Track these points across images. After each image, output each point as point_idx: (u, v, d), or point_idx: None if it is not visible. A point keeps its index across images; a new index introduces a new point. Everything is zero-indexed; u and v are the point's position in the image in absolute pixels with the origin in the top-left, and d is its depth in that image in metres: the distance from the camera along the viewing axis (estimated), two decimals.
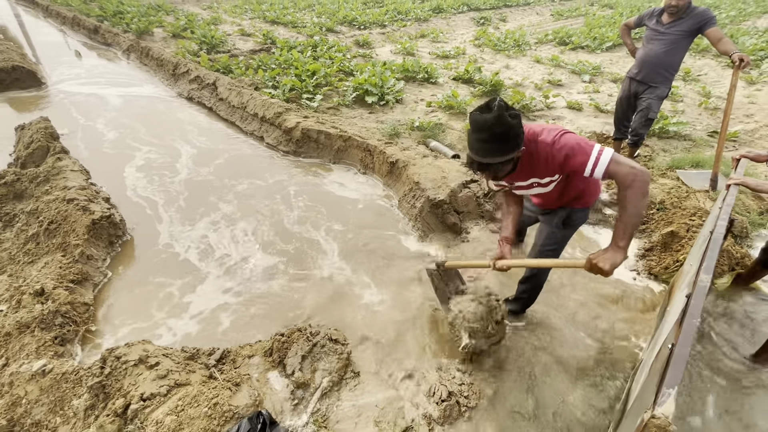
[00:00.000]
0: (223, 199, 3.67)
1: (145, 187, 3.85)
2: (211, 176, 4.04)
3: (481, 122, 1.50)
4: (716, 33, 3.22)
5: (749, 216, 3.08)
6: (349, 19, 10.72)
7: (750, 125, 5.34)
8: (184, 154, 4.49)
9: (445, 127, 4.88)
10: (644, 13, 3.67)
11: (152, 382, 1.72)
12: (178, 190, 3.80)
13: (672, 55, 3.46)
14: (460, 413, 1.86)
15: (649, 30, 3.57)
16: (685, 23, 3.30)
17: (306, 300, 2.58)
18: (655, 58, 3.50)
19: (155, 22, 9.18)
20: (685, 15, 3.30)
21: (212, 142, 4.76)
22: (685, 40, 3.39)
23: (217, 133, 5.02)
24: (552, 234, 2.09)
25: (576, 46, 9.51)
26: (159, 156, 4.42)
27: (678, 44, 3.41)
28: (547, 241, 2.10)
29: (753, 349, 2.22)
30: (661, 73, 3.55)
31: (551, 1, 17.80)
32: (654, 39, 3.51)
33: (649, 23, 3.57)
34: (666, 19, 3.40)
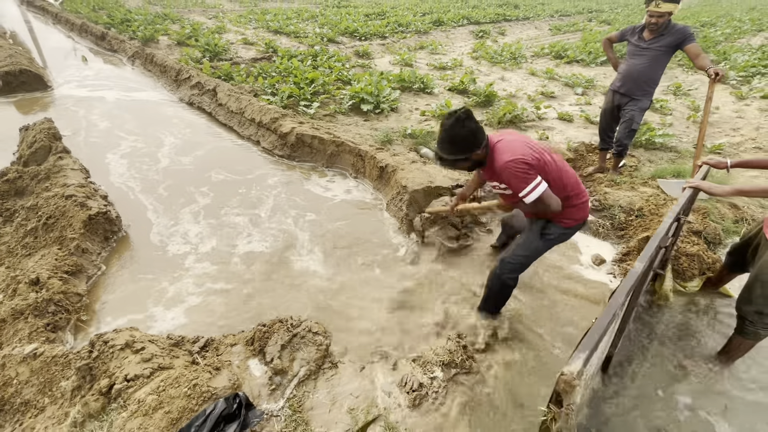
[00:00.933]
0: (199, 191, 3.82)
1: (132, 179, 3.98)
2: (191, 166, 4.19)
3: (443, 125, 1.92)
4: (694, 49, 3.35)
5: (723, 224, 3.18)
6: (351, 30, 10.98)
7: (736, 138, 5.46)
8: (167, 144, 4.67)
9: (436, 135, 5.01)
10: (626, 29, 3.81)
11: (137, 365, 1.81)
12: (158, 179, 3.99)
13: (653, 70, 3.61)
14: (430, 402, 1.95)
15: (630, 45, 3.72)
16: (665, 39, 3.45)
17: (286, 296, 2.68)
18: (637, 73, 3.64)
19: (161, 30, 9.44)
20: (665, 32, 3.44)
21: (194, 135, 4.91)
22: (665, 55, 3.54)
23: (199, 129, 5.18)
24: (528, 241, 2.19)
25: (571, 59, 9.73)
26: (145, 148, 4.56)
27: (658, 59, 3.56)
28: (521, 249, 2.20)
29: (717, 348, 2.30)
30: (643, 86, 3.69)
31: (550, 16, 18.17)
32: (636, 54, 3.65)
33: (631, 39, 3.71)
34: (647, 36, 3.55)
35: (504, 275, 2.24)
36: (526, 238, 2.21)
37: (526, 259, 2.21)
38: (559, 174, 2.01)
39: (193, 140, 5.03)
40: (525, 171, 1.86)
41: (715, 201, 3.44)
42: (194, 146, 4.87)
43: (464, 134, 1.88)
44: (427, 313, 2.54)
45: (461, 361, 2.11)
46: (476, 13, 15.71)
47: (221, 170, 4.31)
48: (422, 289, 2.76)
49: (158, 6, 14.30)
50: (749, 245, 2.15)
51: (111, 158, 4.52)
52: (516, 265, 2.21)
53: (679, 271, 2.69)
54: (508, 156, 1.88)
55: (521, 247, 2.21)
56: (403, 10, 15.69)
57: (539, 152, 1.96)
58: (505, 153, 1.90)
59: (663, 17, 3.37)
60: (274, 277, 2.86)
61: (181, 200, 3.77)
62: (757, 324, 2.01)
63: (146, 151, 4.68)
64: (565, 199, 2.04)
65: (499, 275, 2.25)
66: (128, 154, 4.61)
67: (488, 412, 1.98)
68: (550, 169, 1.97)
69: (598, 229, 3.38)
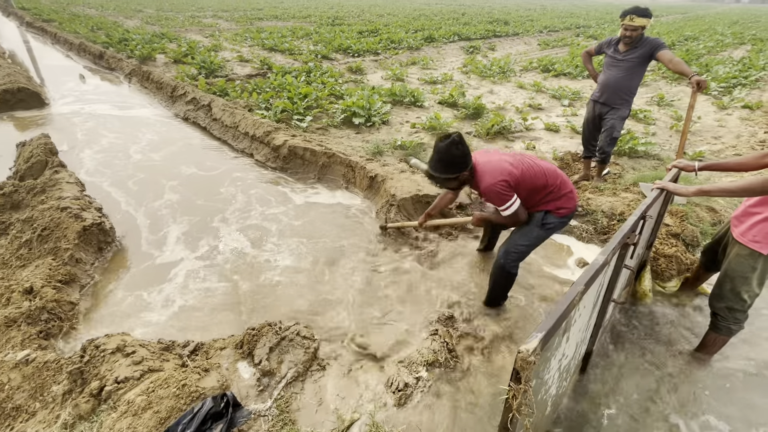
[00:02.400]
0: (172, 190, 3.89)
1: (116, 187, 4.05)
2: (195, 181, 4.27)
3: (436, 146, 2.15)
4: (666, 54, 3.52)
5: (701, 226, 3.28)
6: (344, 47, 11.27)
7: (717, 146, 5.63)
8: (158, 156, 4.73)
9: (426, 146, 5.15)
10: (603, 42, 4.01)
11: (127, 368, 1.86)
12: (132, 175, 4.01)
13: (629, 80, 3.77)
14: (415, 401, 1.99)
15: (608, 57, 3.90)
16: (639, 51, 3.64)
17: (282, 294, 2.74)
18: (615, 83, 3.81)
19: (158, 48, 9.66)
20: (639, 44, 3.63)
21: (188, 148, 5.01)
22: (640, 66, 3.72)
23: (193, 143, 5.28)
24: (529, 231, 2.36)
25: (558, 73, 10.01)
26: (150, 172, 4.64)
27: (634, 70, 3.73)
28: (523, 238, 2.37)
29: (695, 344, 2.37)
30: (621, 96, 3.85)
31: (539, 32, 18.69)
32: (613, 66, 3.83)
33: (607, 51, 3.91)
34: (622, 48, 3.74)
35: (508, 264, 2.40)
36: (527, 229, 2.38)
37: (527, 248, 2.40)
38: (542, 172, 2.25)
39: (185, 152, 5.13)
40: (504, 191, 2.15)
41: (693, 204, 3.55)
42: (187, 157, 4.97)
43: (457, 155, 2.11)
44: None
45: (445, 360, 2.16)
46: (467, 29, 16.15)
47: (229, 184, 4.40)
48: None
49: (156, 26, 14.65)
50: (719, 244, 2.24)
51: (104, 171, 4.60)
52: (519, 254, 2.39)
53: (658, 271, 2.77)
54: (489, 179, 2.14)
55: (523, 236, 2.37)
56: (396, 27, 16.11)
57: (516, 163, 2.21)
58: (487, 175, 2.16)
59: (637, 31, 3.58)
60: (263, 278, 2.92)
61: (172, 208, 3.84)
62: (728, 319, 2.09)
63: (138, 159, 4.77)
64: (551, 192, 2.27)
65: (503, 265, 2.41)
66: (122, 167, 4.69)
67: (472, 408, 2.02)
68: (531, 173, 2.21)
69: (582, 233, 3.48)
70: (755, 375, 2.24)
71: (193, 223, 3.67)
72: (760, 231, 1.87)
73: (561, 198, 2.29)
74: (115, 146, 5.32)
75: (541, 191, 2.26)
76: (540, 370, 1.20)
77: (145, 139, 5.58)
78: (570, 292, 1.11)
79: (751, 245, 1.91)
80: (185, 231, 3.55)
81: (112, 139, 5.52)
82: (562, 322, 1.09)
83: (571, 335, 1.46)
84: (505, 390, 0.99)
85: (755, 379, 2.22)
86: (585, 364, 2.14)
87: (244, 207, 3.94)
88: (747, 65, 10.58)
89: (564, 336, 1.33)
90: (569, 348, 1.56)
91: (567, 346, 1.48)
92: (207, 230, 3.57)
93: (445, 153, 2.11)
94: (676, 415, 2.03)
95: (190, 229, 3.59)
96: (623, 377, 2.22)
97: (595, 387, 2.15)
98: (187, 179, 4.47)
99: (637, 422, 1.99)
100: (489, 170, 2.17)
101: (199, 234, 3.52)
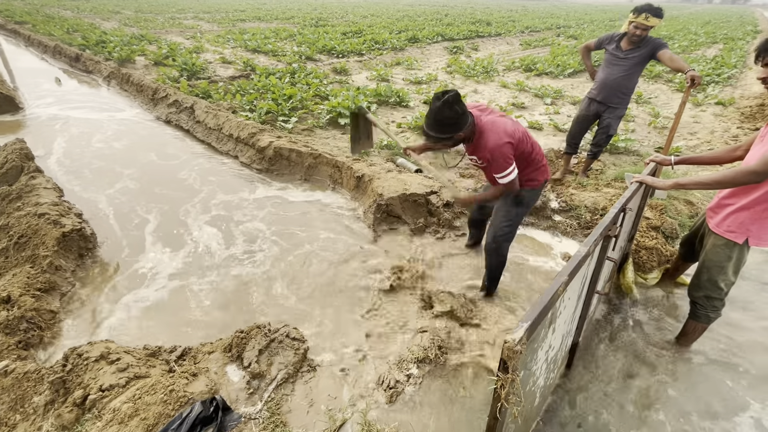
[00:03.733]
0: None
1: (97, 192, 3.96)
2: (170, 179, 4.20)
3: (432, 106, 2.03)
4: (667, 53, 3.46)
5: (679, 218, 3.39)
6: (328, 48, 11.23)
7: (692, 142, 5.81)
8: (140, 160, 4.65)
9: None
10: (603, 37, 3.87)
11: (112, 375, 1.82)
12: (113, 180, 3.94)
13: (629, 79, 3.70)
14: (407, 398, 2.00)
15: (608, 54, 3.78)
16: (642, 50, 3.55)
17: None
18: (615, 82, 3.71)
19: (137, 50, 9.46)
20: (642, 44, 3.54)
21: (174, 151, 4.93)
22: (640, 65, 3.65)
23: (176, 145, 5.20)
24: (508, 212, 2.42)
25: (540, 72, 10.17)
26: (133, 179, 4.55)
27: (634, 69, 3.65)
28: (504, 220, 2.42)
29: (675, 333, 2.44)
30: (619, 95, 3.78)
31: (521, 32, 18.97)
32: (613, 63, 3.72)
33: (608, 47, 3.78)
34: (625, 46, 3.63)
35: (500, 247, 2.48)
36: (506, 210, 2.44)
37: (511, 228, 2.46)
38: (529, 140, 2.29)
39: (170, 153, 5.04)
40: (509, 155, 2.12)
41: (672, 198, 3.66)
42: (169, 158, 4.88)
43: (450, 116, 2.01)
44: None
45: (435, 357, 2.18)
46: (450, 30, 16.28)
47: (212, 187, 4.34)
48: None
49: (134, 27, 14.34)
50: (696, 235, 2.32)
51: (82, 174, 4.49)
52: (507, 235, 2.46)
53: (640, 263, 2.85)
54: (496, 139, 2.09)
55: (504, 218, 2.44)
56: (380, 28, 16.14)
57: (519, 130, 2.22)
58: (492, 135, 2.10)
59: (647, 30, 3.46)
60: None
61: (152, 211, 3.77)
62: (707, 307, 2.16)
63: (129, 176, 4.67)
64: (532, 162, 2.31)
65: (495, 248, 2.49)
66: (107, 176, 4.58)
67: (462, 402, 2.04)
68: (524, 138, 2.23)
69: (566, 228, 3.54)
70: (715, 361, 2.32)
71: (175, 226, 3.60)
72: (733, 221, 1.94)
73: (539, 169, 2.35)
74: (95, 150, 5.19)
75: (527, 160, 2.28)
76: (527, 360, 1.22)
77: (125, 141, 5.45)
78: (554, 283, 1.14)
79: (726, 235, 1.98)
80: (168, 234, 3.49)
81: (92, 143, 5.39)
82: (548, 312, 1.11)
83: (557, 327, 1.49)
84: (493, 380, 1.00)
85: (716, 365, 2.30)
86: (572, 356, 2.18)
87: (228, 205, 3.89)
88: (720, 63, 10.95)
89: (550, 327, 1.36)
90: (555, 339, 1.59)
91: (553, 338, 1.51)
92: (191, 232, 3.51)
93: (439, 113, 2.00)
94: (658, 404, 2.09)
95: (173, 232, 3.53)
96: (607, 367, 2.27)
97: (580, 377, 2.20)
98: (167, 180, 4.39)
99: (623, 409, 2.04)
100: (495, 130, 2.10)
101: (182, 237, 3.46)
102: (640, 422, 1.99)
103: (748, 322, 2.58)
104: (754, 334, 2.50)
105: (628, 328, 2.54)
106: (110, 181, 4.40)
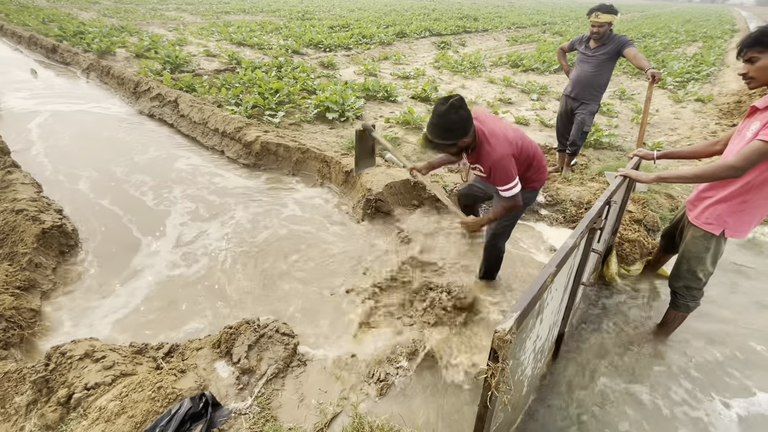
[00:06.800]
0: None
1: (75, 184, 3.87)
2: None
3: (436, 111, 1.95)
4: (632, 51, 3.68)
5: (661, 212, 3.48)
6: (315, 42, 11.11)
7: (673, 137, 5.96)
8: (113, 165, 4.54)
9: (401, 140, 5.17)
10: (575, 39, 4.12)
11: (97, 373, 1.78)
12: (91, 173, 3.85)
13: (599, 76, 3.90)
14: (397, 391, 2.02)
15: (579, 54, 4.02)
16: (608, 47, 3.76)
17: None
18: (586, 78, 3.93)
19: (118, 42, 9.19)
20: (608, 41, 3.76)
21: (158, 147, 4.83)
22: (610, 62, 3.84)
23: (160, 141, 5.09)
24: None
25: (527, 68, 10.28)
26: (109, 164, 4.44)
27: (604, 66, 3.85)
28: (503, 219, 2.41)
29: (656, 323, 2.52)
30: (591, 91, 3.97)
31: (507, 28, 19.08)
32: (583, 62, 3.95)
33: (579, 48, 4.02)
34: (592, 45, 3.86)
35: (497, 245, 2.55)
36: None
37: (508, 228, 2.50)
38: (531, 144, 2.27)
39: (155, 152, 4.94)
40: (512, 167, 2.07)
41: (653, 192, 3.75)
42: (152, 152, 4.77)
43: (457, 121, 1.93)
44: None
45: (425, 349, 2.20)
46: (438, 25, 16.27)
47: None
48: None
49: (114, 18, 13.91)
50: (677, 228, 2.39)
51: (62, 169, 4.36)
52: (504, 233, 2.52)
53: (623, 255, 2.92)
54: (500, 151, 2.04)
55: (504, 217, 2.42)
56: (367, 22, 16.03)
57: (520, 137, 2.20)
58: (496, 146, 2.04)
59: (603, 27, 3.69)
60: None
61: (136, 206, 3.70)
62: (686, 297, 2.23)
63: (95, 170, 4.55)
64: (533, 165, 2.30)
65: (494, 244, 2.53)
66: (79, 168, 4.46)
67: (452, 392, 2.07)
68: (525, 145, 2.21)
69: (552, 222, 3.61)
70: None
71: (161, 220, 3.54)
72: (711, 214, 2.01)
73: (539, 170, 2.34)
74: (74, 144, 5.04)
75: (530, 164, 2.26)
76: (516, 350, 1.24)
77: (106, 136, 5.31)
78: (542, 274, 1.16)
79: (705, 227, 2.04)
80: (152, 228, 3.43)
81: (71, 137, 5.23)
82: (536, 302, 1.13)
83: (545, 317, 1.52)
84: (484, 370, 1.02)
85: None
86: (558, 346, 2.23)
87: (213, 203, 3.84)
88: (699, 61, 11.23)
89: (538, 318, 1.38)
90: (543, 329, 1.62)
91: (541, 328, 1.54)
92: (176, 226, 3.45)
93: (444, 117, 1.91)
94: (639, 386, 2.16)
95: (157, 226, 3.46)
96: (592, 356, 2.33)
97: (564, 365, 2.25)
98: (146, 171, 4.30)
99: (605, 398, 2.10)
100: (497, 140, 2.04)
101: (167, 230, 3.40)
102: (623, 406, 2.06)
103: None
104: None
105: (612, 318, 2.61)
106: (91, 175, 4.28)
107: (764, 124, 1.69)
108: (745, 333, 2.53)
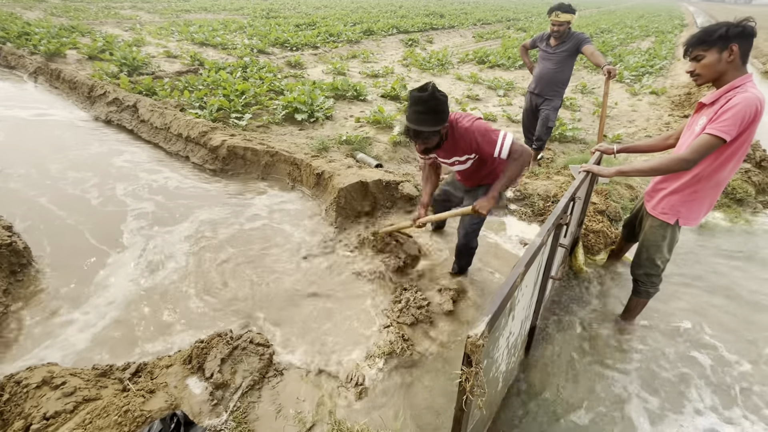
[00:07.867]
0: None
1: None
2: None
3: (417, 98, 1.91)
4: (589, 48, 3.89)
5: (622, 202, 3.65)
6: (281, 41, 10.88)
7: (631, 129, 6.25)
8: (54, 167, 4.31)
9: (372, 140, 5.16)
10: (537, 37, 4.30)
11: (57, 401, 1.68)
12: (46, 187, 3.65)
13: (561, 72, 4.09)
14: (376, 393, 2.01)
15: (541, 51, 4.19)
16: (567, 45, 3.96)
17: None
18: (548, 75, 4.11)
19: (68, 43, 8.66)
20: (567, 39, 3.96)
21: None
22: (569, 59, 4.04)
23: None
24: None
25: (493, 64, 10.49)
26: (70, 183, 4.19)
27: (564, 63, 4.04)
28: (473, 219, 2.46)
29: (621, 309, 2.64)
30: (553, 87, 4.16)
31: (473, 24, 19.39)
32: (545, 59, 4.13)
33: (540, 45, 4.19)
34: (553, 43, 4.04)
35: (470, 243, 2.59)
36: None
37: (480, 224, 2.55)
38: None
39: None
40: (489, 127, 2.06)
41: (614, 183, 3.92)
42: (110, 160, 4.54)
43: (443, 101, 1.94)
44: None
45: (401, 350, 2.21)
46: (405, 22, 16.32)
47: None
48: None
49: (63, 18, 13.10)
50: (636, 218, 2.51)
51: (10, 183, 4.08)
52: (476, 231, 2.57)
53: (588, 246, 3.04)
54: (468, 120, 2.07)
55: (473, 217, 2.44)
56: (334, 20, 15.86)
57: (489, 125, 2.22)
58: (467, 121, 2.09)
59: (563, 26, 3.88)
60: None
61: (89, 218, 3.51)
62: (647, 284, 2.35)
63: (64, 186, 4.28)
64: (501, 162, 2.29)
65: (465, 243, 2.59)
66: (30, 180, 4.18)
67: (430, 391, 2.09)
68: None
69: (521, 216, 3.70)
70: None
71: (117, 234, 3.37)
72: (666, 204, 2.12)
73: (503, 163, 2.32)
74: (22, 154, 4.71)
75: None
76: (489, 350, 1.27)
77: (58, 144, 5.00)
78: (512, 274, 1.18)
79: (661, 217, 2.15)
80: (111, 241, 3.26)
81: (19, 147, 4.89)
82: (507, 303, 1.15)
83: (516, 314, 1.56)
84: (458, 374, 1.03)
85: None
86: (530, 338, 2.30)
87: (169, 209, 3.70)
88: (652, 55, 11.82)
89: (510, 315, 1.41)
90: (515, 326, 1.66)
91: (513, 324, 1.58)
92: (134, 240, 3.30)
93: (429, 102, 1.88)
94: (607, 369, 2.26)
95: (117, 240, 3.30)
96: (563, 343, 2.42)
97: (537, 357, 2.32)
98: (109, 184, 4.09)
99: (577, 383, 2.19)
100: (465, 117, 2.09)
101: (125, 245, 3.24)
102: (595, 390, 2.14)
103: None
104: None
105: (581, 306, 2.71)
106: (44, 188, 4.02)
107: (710, 119, 1.79)
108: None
